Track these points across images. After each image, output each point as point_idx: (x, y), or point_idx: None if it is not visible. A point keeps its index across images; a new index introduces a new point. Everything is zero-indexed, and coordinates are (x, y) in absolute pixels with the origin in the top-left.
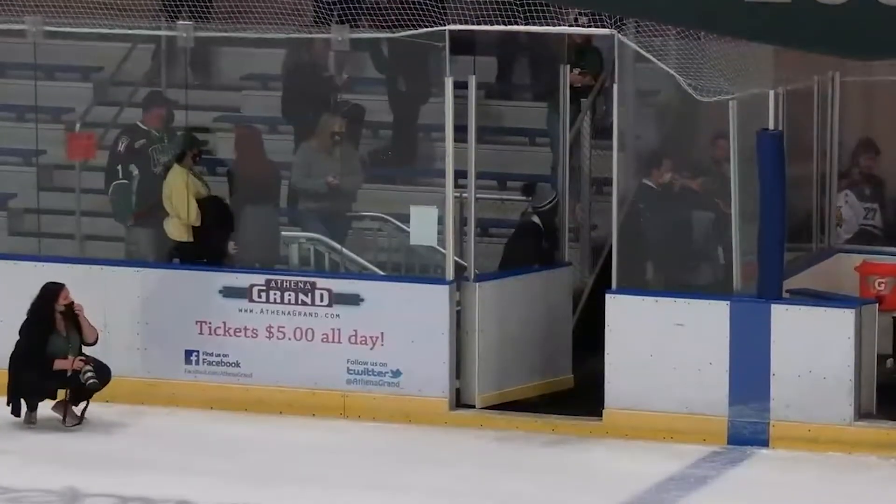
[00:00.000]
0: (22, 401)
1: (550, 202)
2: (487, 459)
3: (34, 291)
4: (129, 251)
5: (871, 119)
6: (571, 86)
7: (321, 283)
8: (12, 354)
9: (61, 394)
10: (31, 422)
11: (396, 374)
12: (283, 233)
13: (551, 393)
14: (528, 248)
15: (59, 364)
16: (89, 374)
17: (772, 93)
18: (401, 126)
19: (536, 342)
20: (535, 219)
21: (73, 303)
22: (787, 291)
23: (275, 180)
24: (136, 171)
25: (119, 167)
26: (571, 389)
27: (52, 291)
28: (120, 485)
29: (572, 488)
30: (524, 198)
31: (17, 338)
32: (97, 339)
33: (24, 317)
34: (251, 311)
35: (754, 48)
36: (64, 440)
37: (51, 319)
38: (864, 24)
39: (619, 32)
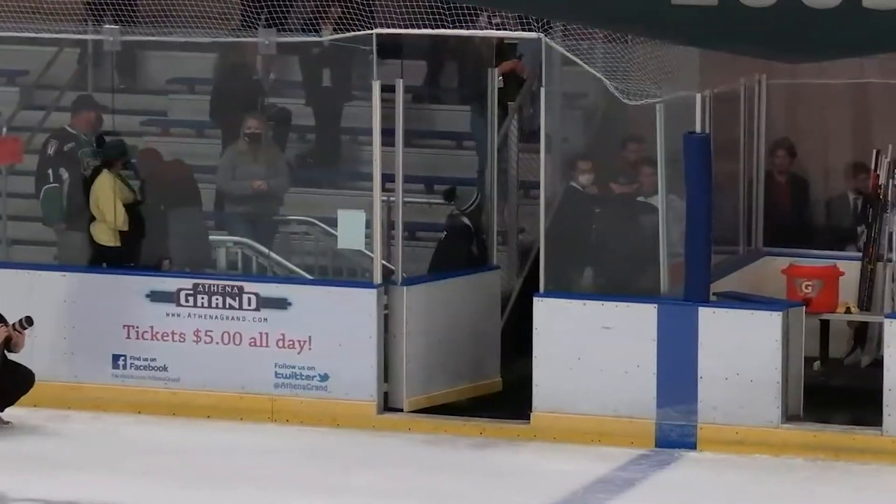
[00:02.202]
0: None
1: (474, 203)
2: (415, 462)
3: None
4: (60, 255)
5: (796, 121)
6: (506, 77)
7: (248, 286)
8: None
9: None
10: None
11: (324, 377)
12: (210, 237)
13: (479, 396)
14: (459, 248)
15: None
16: (15, 323)
17: (698, 96)
18: (325, 129)
19: (464, 345)
20: (465, 220)
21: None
22: (714, 294)
23: (190, 182)
24: (66, 175)
25: (49, 171)
26: (499, 392)
27: None
28: (48, 488)
29: (500, 490)
30: (447, 203)
31: None
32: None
33: None
34: (178, 315)
35: (681, 51)
36: None
37: None
38: (789, 27)
39: (546, 36)
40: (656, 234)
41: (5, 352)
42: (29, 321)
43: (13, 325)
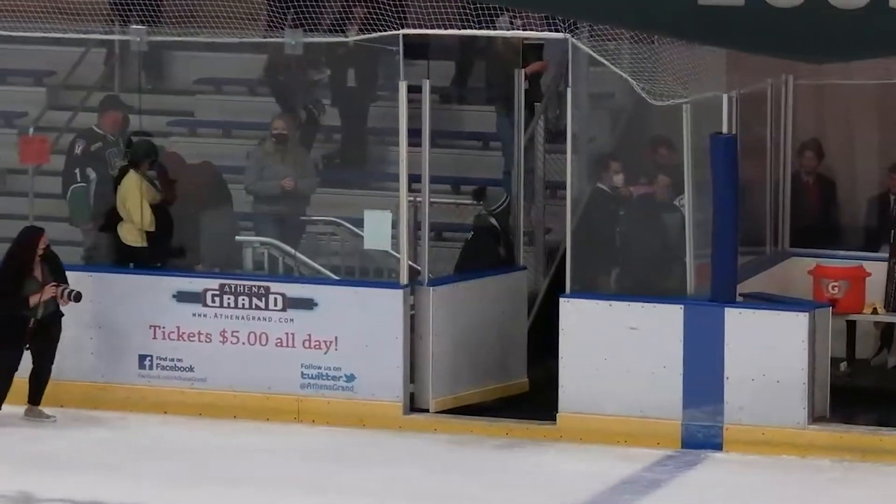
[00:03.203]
0: None
1: (502, 204)
2: (440, 462)
3: None
4: (86, 255)
5: (823, 122)
6: (532, 78)
7: (275, 287)
8: None
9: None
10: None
11: (350, 378)
12: (237, 237)
13: (506, 397)
14: (485, 249)
15: (32, 299)
16: (66, 290)
17: (725, 96)
18: (352, 130)
19: (491, 346)
20: (493, 220)
21: (49, 247)
22: (740, 295)
23: (219, 184)
24: (93, 175)
25: (76, 171)
26: (526, 393)
27: (30, 238)
28: (73, 489)
29: (526, 491)
30: (476, 202)
31: None
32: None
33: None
34: (205, 315)
35: (707, 52)
36: (16, 444)
37: (28, 265)
38: (816, 27)
39: (572, 37)
40: (681, 234)
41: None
42: (78, 297)
43: (63, 290)
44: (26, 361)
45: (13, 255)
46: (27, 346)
